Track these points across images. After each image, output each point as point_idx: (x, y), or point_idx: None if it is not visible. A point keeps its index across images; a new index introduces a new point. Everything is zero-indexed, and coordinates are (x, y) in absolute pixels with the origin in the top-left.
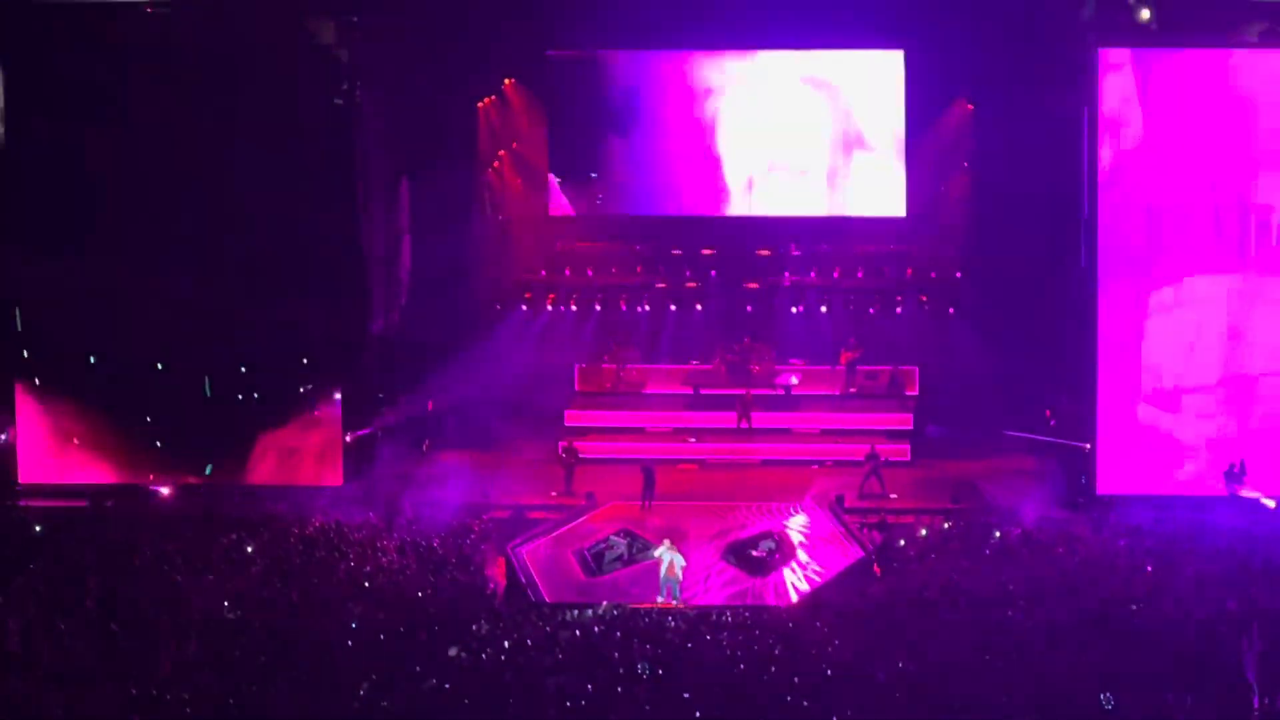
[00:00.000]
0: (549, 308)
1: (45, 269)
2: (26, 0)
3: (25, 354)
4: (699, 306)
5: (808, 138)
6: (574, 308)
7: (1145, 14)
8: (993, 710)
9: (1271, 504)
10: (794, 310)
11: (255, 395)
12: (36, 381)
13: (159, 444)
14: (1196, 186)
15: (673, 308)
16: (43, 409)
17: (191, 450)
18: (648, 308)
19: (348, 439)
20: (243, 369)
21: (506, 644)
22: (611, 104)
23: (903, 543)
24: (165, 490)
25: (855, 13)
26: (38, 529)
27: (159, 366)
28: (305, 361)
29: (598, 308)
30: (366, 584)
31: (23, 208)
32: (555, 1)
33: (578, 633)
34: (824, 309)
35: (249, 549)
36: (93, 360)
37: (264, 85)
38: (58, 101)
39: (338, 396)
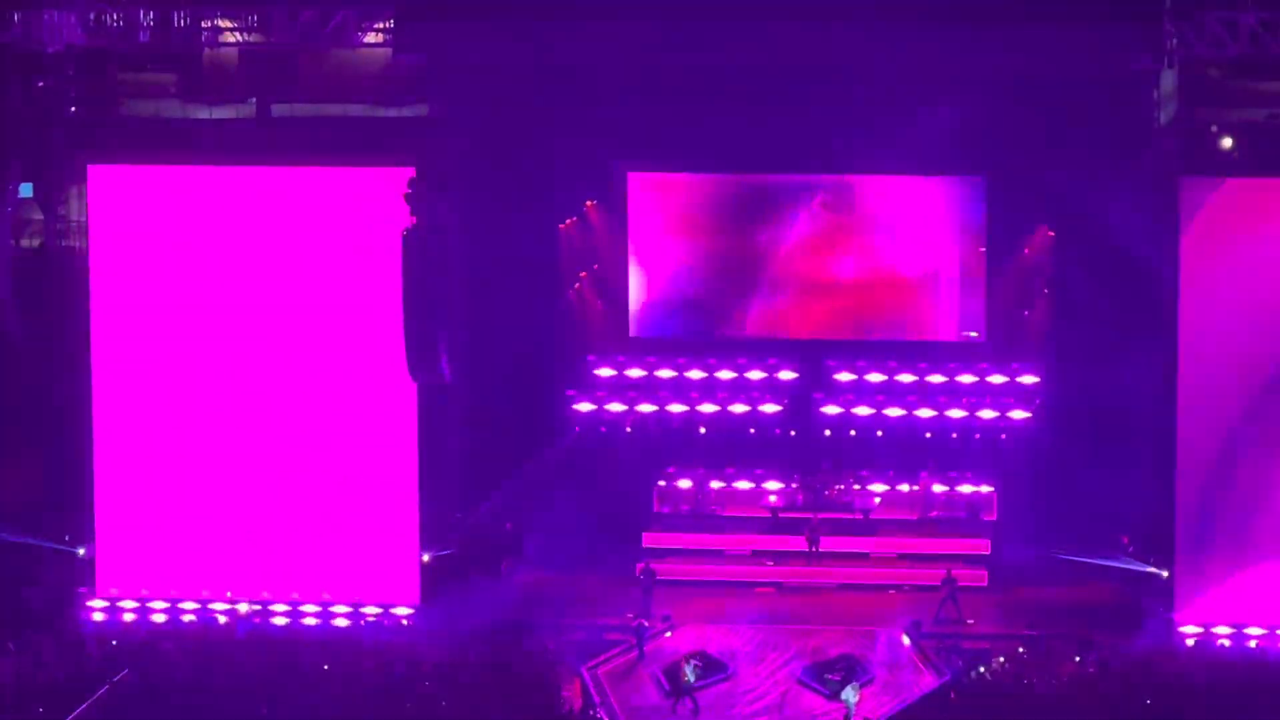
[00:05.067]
0: (628, 429)
1: None
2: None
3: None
4: (778, 430)
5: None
6: (654, 429)
7: (1228, 142)
8: None
9: None
10: (874, 434)
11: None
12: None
13: (234, 559)
14: None
15: (752, 431)
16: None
17: (268, 567)
18: (727, 431)
19: (425, 558)
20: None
21: None
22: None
23: (980, 669)
24: (242, 606)
25: (938, 140)
26: (114, 643)
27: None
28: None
29: (676, 428)
30: (444, 703)
31: None
32: (637, 124)
33: None
34: (903, 432)
35: (325, 668)
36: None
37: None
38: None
39: (416, 515)
